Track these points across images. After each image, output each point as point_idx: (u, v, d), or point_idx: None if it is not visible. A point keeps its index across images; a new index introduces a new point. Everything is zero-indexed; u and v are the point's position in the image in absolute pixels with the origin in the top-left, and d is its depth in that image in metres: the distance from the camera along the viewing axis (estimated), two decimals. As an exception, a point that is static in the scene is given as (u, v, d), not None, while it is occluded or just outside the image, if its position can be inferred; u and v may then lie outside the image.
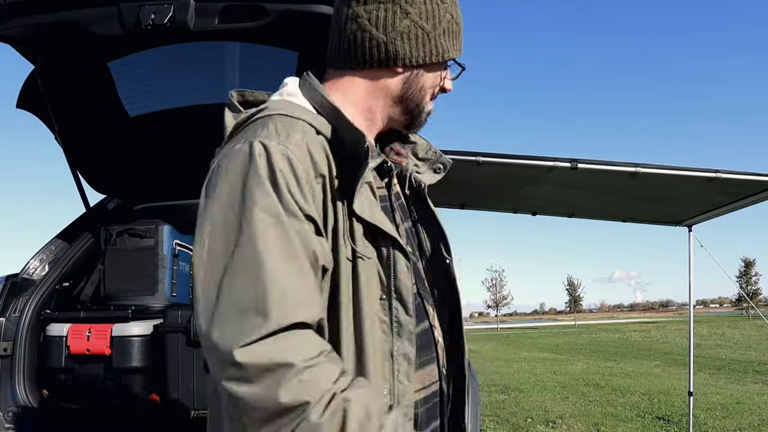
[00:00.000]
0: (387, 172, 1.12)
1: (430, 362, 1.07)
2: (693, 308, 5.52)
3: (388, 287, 0.97)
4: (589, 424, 6.98)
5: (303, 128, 0.96)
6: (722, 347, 19.26)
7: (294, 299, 0.83)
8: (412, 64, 1.06)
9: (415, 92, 1.09)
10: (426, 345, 1.06)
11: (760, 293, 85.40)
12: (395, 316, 0.97)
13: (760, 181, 3.98)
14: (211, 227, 0.88)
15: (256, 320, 0.80)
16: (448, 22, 1.08)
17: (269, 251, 0.84)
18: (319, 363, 0.81)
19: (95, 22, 2.06)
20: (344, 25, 1.06)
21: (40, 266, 2.93)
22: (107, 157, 3.07)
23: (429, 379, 1.06)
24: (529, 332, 47.33)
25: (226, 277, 0.83)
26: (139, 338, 2.67)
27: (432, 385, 1.07)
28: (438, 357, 1.09)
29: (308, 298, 0.86)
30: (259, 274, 0.82)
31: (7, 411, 2.64)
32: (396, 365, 0.96)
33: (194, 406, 2.65)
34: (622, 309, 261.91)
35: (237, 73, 2.68)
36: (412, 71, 1.08)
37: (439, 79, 1.12)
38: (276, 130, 0.93)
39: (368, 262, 0.96)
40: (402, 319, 0.98)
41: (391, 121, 1.13)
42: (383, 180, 1.12)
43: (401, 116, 1.12)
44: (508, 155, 3.82)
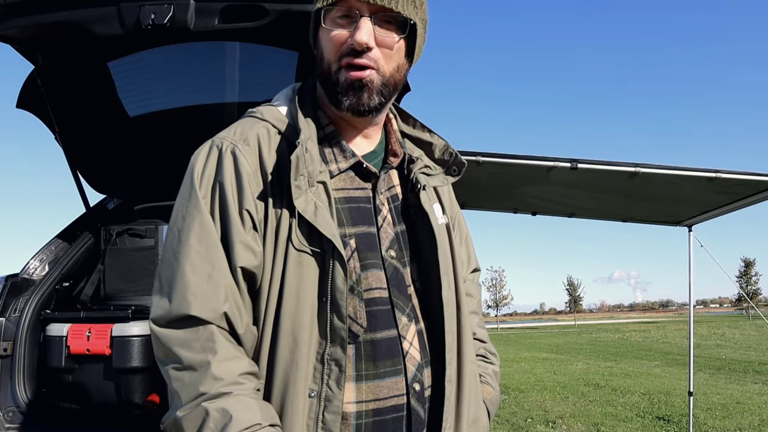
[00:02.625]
0: (367, 175, 1.10)
1: (390, 375, 1.00)
2: (693, 308, 5.51)
3: (323, 290, 0.97)
4: (589, 424, 6.98)
5: (263, 127, 1.04)
6: (722, 347, 19.25)
7: (194, 293, 0.94)
8: (310, 42, 1.08)
9: (319, 64, 1.05)
10: (385, 355, 1.00)
11: (760, 293, 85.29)
12: (329, 320, 0.97)
13: (760, 181, 3.98)
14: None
15: (162, 302, 0.96)
16: None
17: (188, 245, 0.96)
18: (201, 366, 0.92)
19: (95, 22, 2.06)
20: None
21: (40, 266, 2.93)
22: (107, 157, 3.07)
23: (386, 392, 1.00)
24: (529, 332, 47.32)
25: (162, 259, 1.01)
26: (139, 338, 2.66)
27: (390, 399, 1.00)
28: (405, 371, 1.02)
29: (211, 294, 0.94)
30: (173, 264, 0.97)
31: (7, 411, 2.64)
32: (327, 369, 0.96)
33: (194, 406, 2.64)
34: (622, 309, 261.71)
35: (237, 73, 2.67)
36: (314, 48, 1.07)
37: (333, 40, 1.01)
38: (235, 129, 1.03)
39: (306, 260, 0.98)
40: (335, 324, 0.97)
41: (327, 105, 1.09)
42: (368, 181, 1.10)
43: (326, 95, 1.06)
44: (508, 155, 3.82)
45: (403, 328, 1.04)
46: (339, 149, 1.09)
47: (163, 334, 0.95)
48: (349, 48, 0.99)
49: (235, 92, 2.79)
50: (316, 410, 0.95)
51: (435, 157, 1.20)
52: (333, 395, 0.95)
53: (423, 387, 1.04)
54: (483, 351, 1.32)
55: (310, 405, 0.95)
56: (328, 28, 1.01)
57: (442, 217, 1.16)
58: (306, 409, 0.94)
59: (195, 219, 0.98)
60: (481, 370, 1.26)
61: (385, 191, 1.12)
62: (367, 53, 0.99)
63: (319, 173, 1.02)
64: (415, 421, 1.02)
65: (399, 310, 1.05)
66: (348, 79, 1.00)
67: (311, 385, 0.95)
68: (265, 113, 1.07)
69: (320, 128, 1.10)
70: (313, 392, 0.95)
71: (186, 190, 1.01)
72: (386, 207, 1.11)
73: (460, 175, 1.20)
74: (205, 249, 0.96)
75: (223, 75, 2.72)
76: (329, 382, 0.95)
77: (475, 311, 1.35)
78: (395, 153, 1.16)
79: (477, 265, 1.41)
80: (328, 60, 1.02)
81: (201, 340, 0.93)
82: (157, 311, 0.96)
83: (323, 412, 0.95)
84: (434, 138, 1.20)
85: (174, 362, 0.94)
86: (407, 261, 1.10)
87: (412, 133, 1.21)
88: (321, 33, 1.04)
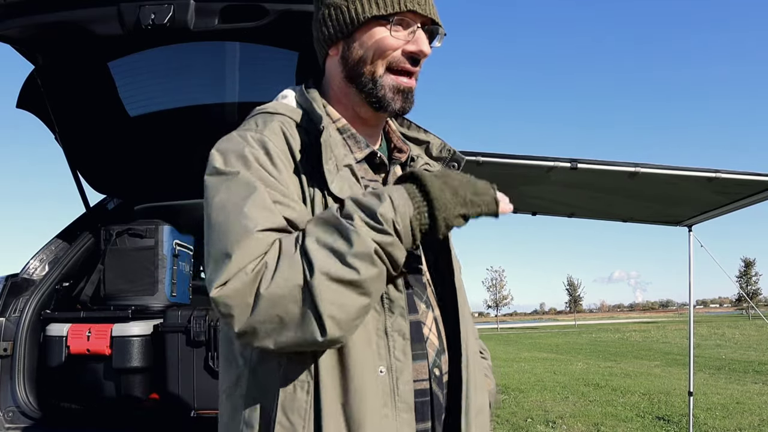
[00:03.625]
0: (380, 165, 1.12)
1: (418, 358, 1.02)
2: (693, 308, 5.51)
3: None
4: (589, 424, 6.97)
5: (281, 119, 1.05)
6: (722, 347, 19.25)
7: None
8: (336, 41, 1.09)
9: (354, 65, 1.07)
10: (415, 339, 1.02)
11: (760, 293, 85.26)
12: (385, 292, 0.97)
13: (760, 181, 3.98)
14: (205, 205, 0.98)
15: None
16: None
17: (228, 203, 0.92)
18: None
19: (95, 22, 2.06)
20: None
21: (40, 266, 2.93)
22: (107, 157, 3.07)
23: (415, 375, 1.00)
24: (529, 332, 47.32)
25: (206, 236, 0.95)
26: (139, 338, 2.67)
27: (418, 382, 1.01)
28: (428, 356, 1.03)
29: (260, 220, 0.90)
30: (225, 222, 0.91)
31: (7, 411, 2.64)
32: (391, 342, 0.96)
33: (194, 406, 2.65)
34: (622, 309, 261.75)
35: (237, 73, 2.67)
36: (341, 47, 1.09)
37: (381, 44, 1.04)
38: (256, 123, 1.04)
39: None
40: (392, 294, 0.97)
41: (358, 106, 1.11)
42: (378, 174, 1.13)
43: (359, 96, 1.09)
44: (508, 155, 3.82)
45: (423, 314, 1.05)
46: (353, 141, 1.11)
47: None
48: (408, 54, 1.05)
49: (235, 92, 2.80)
50: (390, 384, 0.94)
51: (433, 155, 1.23)
52: (403, 366, 0.95)
53: (441, 372, 1.05)
54: (478, 346, 1.34)
55: (383, 381, 0.94)
56: (389, 34, 1.04)
57: None
58: (381, 386, 0.94)
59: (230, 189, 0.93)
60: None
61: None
62: (420, 62, 1.07)
63: (344, 157, 1.04)
64: (436, 406, 1.03)
65: (417, 297, 1.06)
66: (400, 85, 1.06)
67: (377, 362, 0.94)
68: (278, 108, 1.08)
69: (331, 122, 1.13)
70: (382, 369, 0.94)
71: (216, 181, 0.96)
72: None
73: (460, 170, 1.21)
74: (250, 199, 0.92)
75: (223, 75, 2.72)
76: (395, 353, 0.95)
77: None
78: (401, 149, 1.18)
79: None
80: (374, 63, 1.06)
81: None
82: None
83: (397, 384, 0.95)
84: (430, 137, 1.23)
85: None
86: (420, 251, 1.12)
87: (408, 133, 1.25)
88: (368, 37, 1.06)
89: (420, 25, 1.06)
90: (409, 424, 0.95)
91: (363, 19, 1.04)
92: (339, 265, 0.84)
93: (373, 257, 0.86)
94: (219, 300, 0.85)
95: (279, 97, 1.15)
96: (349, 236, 0.85)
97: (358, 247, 0.85)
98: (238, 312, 0.84)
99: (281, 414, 0.91)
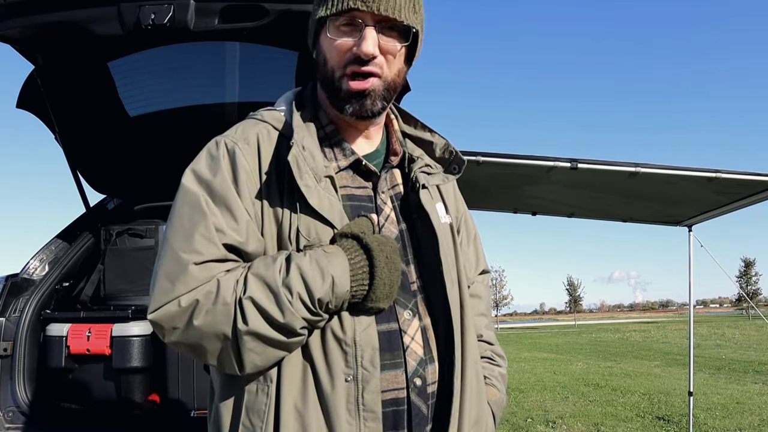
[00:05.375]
0: (366, 174, 1.12)
1: (389, 368, 1.00)
2: (693, 308, 5.51)
3: None
4: (589, 424, 6.98)
5: (263, 128, 1.06)
6: (722, 347, 19.25)
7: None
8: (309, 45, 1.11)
9: (321, 68, 1.07)
10: (384, 348, 1.00)
11: (760, 293, 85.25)
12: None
13: (760, 181, 3.98)
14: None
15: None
16: None
17: (173, 232, 0.98)
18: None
19: (95, 22, 2.06)
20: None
21: (40, 266, 2.93)
22: (107, 157, 3.07)
23: (384, 384, 0.99)
24: (529, 332, 47.32)
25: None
26: (139, 338, 2.67)
27: (388, 392, 1.00)
28: (406, 365, 1.02)
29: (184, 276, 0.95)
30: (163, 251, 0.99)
31: (7, 411, 2.64)
32: (359, 351, 0.97)
33: (194, 406, 2.65)
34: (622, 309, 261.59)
35: (237, 73, 2.67)
36: (314, 52, 1.10)
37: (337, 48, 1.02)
38: (237, 129, 1.06)
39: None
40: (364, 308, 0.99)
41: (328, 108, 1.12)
42: (368, 180, 1.12)
43: (328, 99, 1.09)
44: (508, 155, 3.82)
45: (405, 323, 1.04)
46: (339, 148, 1.11)
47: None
48: (354, 56, 1.01)
49: (235, 92, 2.80)
50: (354, 393, 0.95)
51: (436, 155, 1.21)
52: (370, 375, 0.96)
53: (426, 383, 1.04)
54: (490, 353, 1.31)
55: (348, 389, 0.95)
56: (332, 37, 1.02)
57: (445, 217, 1.17)
58: (345, 394, 0.95)
59: (183, 209, 0.99)
60: (488, 372, 1.26)
61: (387, 190, 1.13)
62: (372, 61, 1.02)
63: (324, 168, 1.04)
64: (415, 415, 1.01)
65: (400, 305, 1.05)
66: (351, 88, 1.03)
67: (345, 370, 0.96)
68: (265, 115, 1.10)
69: (320, 128, 1.12)
70: (349, 376, 0.96)
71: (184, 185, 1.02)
72: (389, 206, 1.12)
73: (461, 172, 1.21)
74: (184, 239, 0.97)
75: (223, 75, 2.72)
76: (363, 362, 0.96)
77: (483, 313, 1.34)
78: (395, 152, 1.17)
79: (486, 267, 1.41)
80: (332, 67, 1.04)
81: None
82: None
83: (362, 394, 0.96)
84: (435, 137, 1.21)
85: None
86: (410, 259, 1.11)
87: (413, 133, 1.23)
88: (323, 40, 1.05)
89: (373, 23, 1.01)
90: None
91: (313, 22, 1.06)
92: (268, 328, 0.92)
93: (298, 332, 0.94)
94: (152, 321, 0.96)
95: (276, 103, 1.15)
96: (283, 309, 0.92)
97: (288, 320, 0.92)
98: (167, 332, 0.96)
99: (244, 415, 0.97)
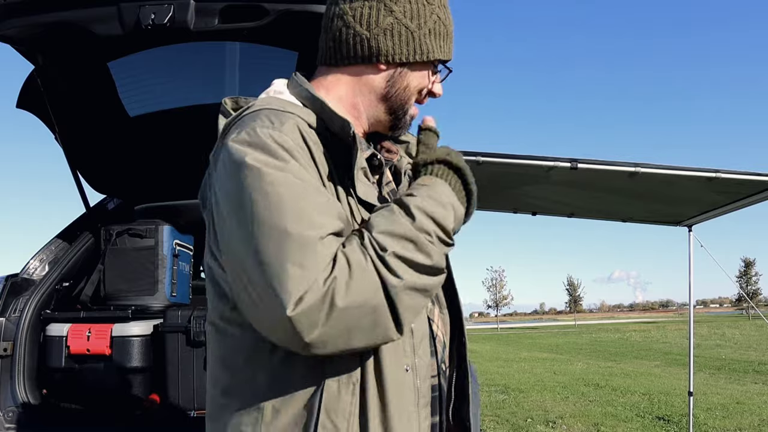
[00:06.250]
0: (377, 167, 1.10)
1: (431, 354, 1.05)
2: (693, 308, 5.52)
3: None
4: (589, 424, 6.98)
5: (293, 119, 0.95)
6: (722, 347, 19.26)
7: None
8: (395, 62, 1.06)
9: (399, 91, 1.08)
10: (429, 336, 1.04)
11: (760, 293, 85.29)
12: None
13: (760, 181, 3.98)
14: (227, 211, 0.89)
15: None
16: (434, 23, 1.07)
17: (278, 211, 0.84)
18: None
19: (95, 22, 2.06)
20: (331, 22, 1.08)
21: (40, 266, 2.93)
22: (107, 157, 3.07)
23: (431, 371, 1.04)
24: (529, 332, 47.33)
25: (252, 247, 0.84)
26: (139, 338, 2.67)
27: (432, 378, 1.04)
28: (437, 352, 1.06)
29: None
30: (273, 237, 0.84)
31: (7, 411, 2.64)
32: (416, 340, 0.98)
33: (194, 406, 2.65)
34: (622, 309, 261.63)
35: (237, 73, 2.68)
36: (396, 69, 1.07)
37: (425, 80, 1.10)
38: (269, 119, 0.93)
39: None
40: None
41: (375, 121, 1.11)
42: (374, 176, 1.11)
43: (385, 116, 1.10)
44: (508, 155, 3.82)
45: (431, 312, 1.07)
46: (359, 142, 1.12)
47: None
48: (429, 93, 1.13)
49: (235, 92, 2.78)
50: (414, 382, 0.97)
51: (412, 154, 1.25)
52: (422, 362, 0.98)
53: (446, 366, 1.10)
54: None
55: (410, 378, 0.97)
56: (433, 78, 1.12)
57: None
58: (411, 384, 0.97)
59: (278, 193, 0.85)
60: None
61: (385, 185, 1.16)
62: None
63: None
64: (443, 400, 1.07)
65: None
66: (414, 115, 1.13)
67: (404, 360, 0.96)
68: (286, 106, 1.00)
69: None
70: (408, 366, 0.96)
71: (263, 172, 0.86)
72: (389, 200, 1.13)
73: None
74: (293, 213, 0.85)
75: (223, 75, 2.72)
76: (418, 351, 0.98)
77: None
78: (390, 150, 1.20)
79: None
80: (411, 94, 1.11)
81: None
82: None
83: (419, 382, 0.97)
84: (408, 136, 1.25)
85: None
86: None
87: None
88: (421, 71, 1.10)
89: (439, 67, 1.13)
90: (427, 418, 0.99)
91: (429, 58, 1.08)
92: (421, 276, 0.87)
93: (443, 269, 0.91)
94: (297, 318, 0.78)
95: (270, 91, 1.10)
96: (429, 252, 0.88)
97: (435, 261, 0.89)
98: (307, 330, 0.79)
99: (324, 416, 0.89)
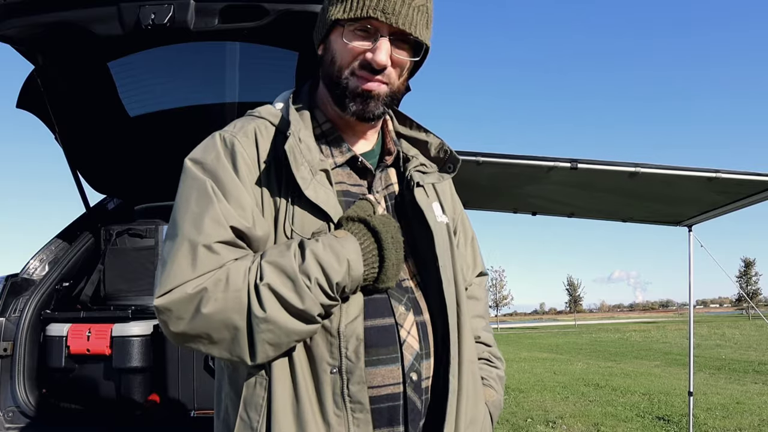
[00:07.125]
0: (364, 170, 1.13)
1: (385, 363, 1.00)
2: (693, 308, 5.52)
3: None
4: (589, 424, 6.98)
5: (260, 123, 1.08)
6: (722, 347, 19.25)
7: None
8: (318, 40, 1.13)
9: (328, 66, 1.09)
10: (380, 343, 1.01)
11: (760, 293, 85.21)
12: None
13: (760, 181, 3.98)
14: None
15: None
16: None
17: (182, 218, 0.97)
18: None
19: (95, 22, 2.06)
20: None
21: (40, 266, 2.93)
22: (107, 157, 3.07)
23: (379, 380, 0.99)
24: (529, 332, 47.32)
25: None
26: (139, 338, 2.67)
27: (384, 387, 1.00)
28: (402, 359, 1.02)
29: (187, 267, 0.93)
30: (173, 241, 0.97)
31: (7, 411, 2.64)
32: (343, 342, 0.96)
33: (194, 406, 2.65)
34: (622, 309, 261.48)
35: (237, 73, 2.68)
36: (322, 47, 1.12)
37: (345, 49, 1.05)
38: (235, 124, 1.08)
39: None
40: (351, 298, 0.99)
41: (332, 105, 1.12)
42: (364, 178, 1.13)
43: (331, 97, 1.10)
44: (508, 155, 3.83)
45: (400, 317, 1.04)
46: (335, 145, 1.12)
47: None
48: (365, 63, 1.04)
49: (235, 92, 2.80)
50: (340, 385, 0.95)
51: (431, 155, 1.23)
52: (354, 366, 0.96)
53: (421, 377, 1.04)
54: (487, 354, 1.31)
55: (334, 381, 0.96)
56: (345, 40, 1.05)
57: (441, 216, 1.18)
58: (331, 385, 0.96)
59: (190, 198, 0.99)
60: (485, 373, 1.26)
61: (381, 189, 1.14)
62: (382, 71, 1.05)
63: (320, 162, 1.05)
64: (411, 411, 1.02)
65: (395, 299, 1.05)
66: (359, 88, 1.05)
67: (330, 361, 0.96)
68: (262, 112, 1.12)
69: (317, 125, 1.14)
70: (334, 368, 0.96)
71: (190, 172, 1.02)
72: (382, 205, 1.13)
73: (455, 171, 1.22)
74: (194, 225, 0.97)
75: (223, 75, 2.72)
76: (348, 353, 0.96)
77: (481, 315, 1.35)
78: (389, 151, 1.19)
79: (483, 269, 1.42)
80: (340, 66, 1.06)
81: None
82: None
83: (348, 385, 0.95)
84: (430, 137, 1.23)
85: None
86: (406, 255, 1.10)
87: (408, 133, 1.25)
88: (335, 40, 1.07)
89: (389, 35, 1.03)
90: (365, 424, 0.96)
91: (329, 22, 1.06)
92: (287, 315, 0.91)
93: (315, 318, 0.93)
94: (158, 308, 0.91)
95: (274, 101, 1.16)
96: (302, 295, 0.91)
97: (307, 306, 0.91)
98: (173, 322, 0.91)
99: (242, 409, 0.97)
